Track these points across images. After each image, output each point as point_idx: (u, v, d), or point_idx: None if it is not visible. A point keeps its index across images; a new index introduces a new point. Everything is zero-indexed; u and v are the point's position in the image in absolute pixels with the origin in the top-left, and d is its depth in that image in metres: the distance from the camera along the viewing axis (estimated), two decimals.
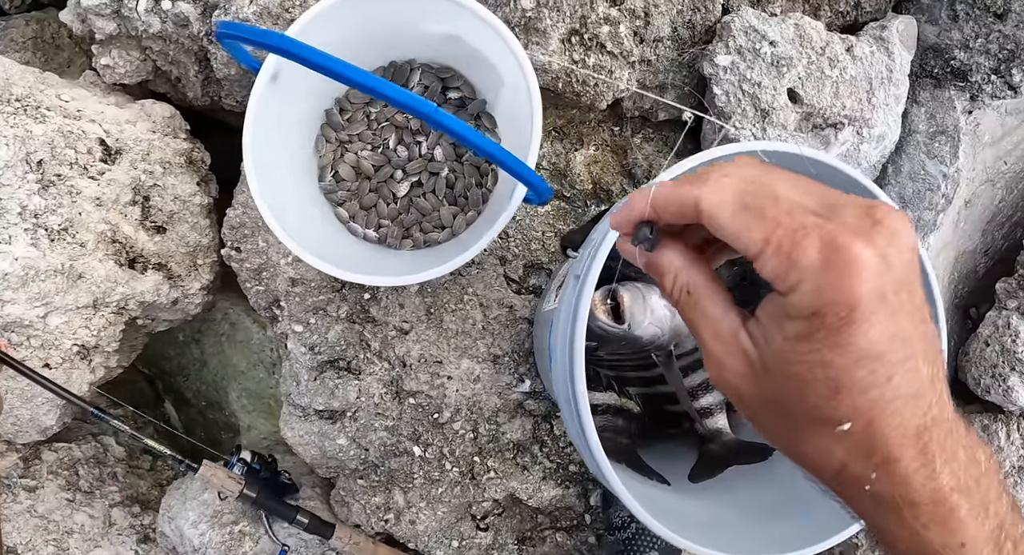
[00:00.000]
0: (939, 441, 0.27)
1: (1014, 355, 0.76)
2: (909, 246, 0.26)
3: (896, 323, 0.25)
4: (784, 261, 0.25)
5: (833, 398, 0.26)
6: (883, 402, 0.26)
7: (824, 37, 0.71)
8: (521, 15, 0.67)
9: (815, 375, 0.26)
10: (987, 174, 0.81)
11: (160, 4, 0.77)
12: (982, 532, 0.28)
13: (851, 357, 0.25)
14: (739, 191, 0.27)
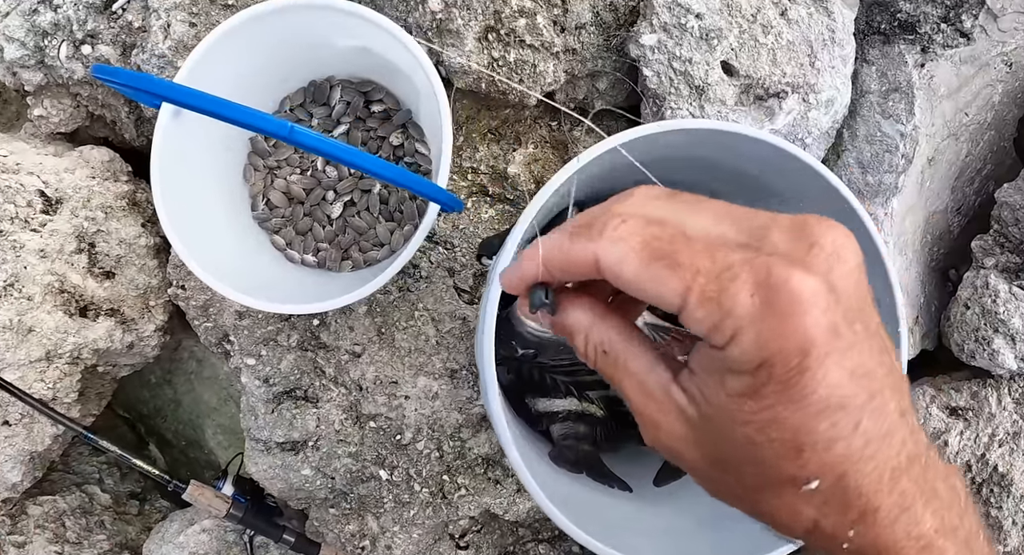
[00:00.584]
0: (917, 480, 0.24)
1: (996, 316, 0.74)
2: (855, 264, 0.23)
3: (855, 360, 0.22)
4: (714, 311, 0.22)
5: (796, 458, 0.23)
6: (853, 452, 0.23)
7: (754, 2, 0.70)
8: (431, 18, 0.67)
9: (770, 435, 0.23)
10: (948, 128, 0.78)
11: (80, 49, 0.78)
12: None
13: (810, 410, 0.22)
14: (642, 239, 0.24)
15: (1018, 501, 0.75)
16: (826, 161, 0.80)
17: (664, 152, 0.54)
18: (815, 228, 0.23)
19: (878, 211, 0.75)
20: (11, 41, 0.80)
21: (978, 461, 0.76)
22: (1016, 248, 0.77)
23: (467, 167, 0.81)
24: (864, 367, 0.23)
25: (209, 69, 0.61)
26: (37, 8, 0.79)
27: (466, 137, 0.81)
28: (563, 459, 0.64)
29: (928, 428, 0.78)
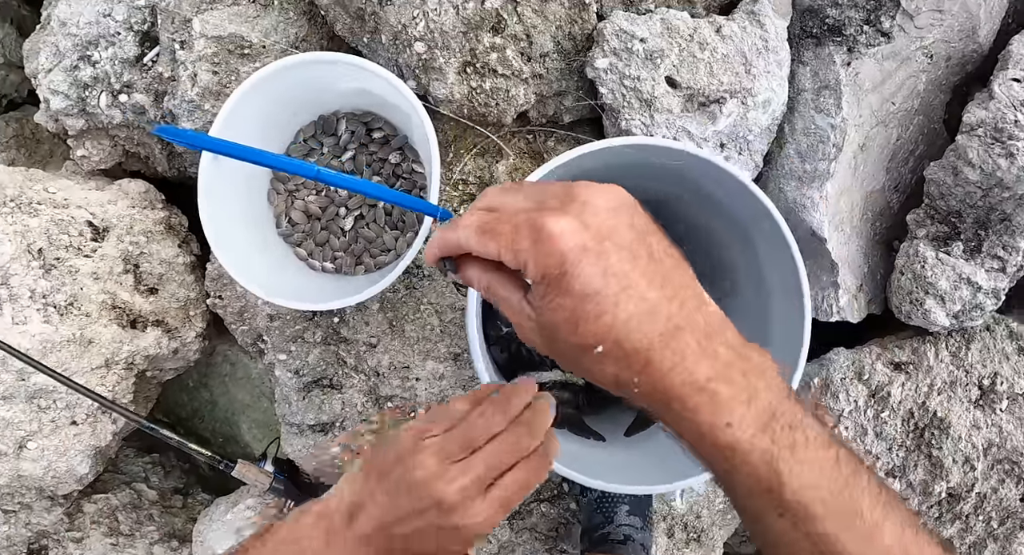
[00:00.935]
0: (690, 343, 0.34)
1: (925, 280, 0.88)
2: (604, 207, 0.35)
3: (605, 264, 0.33)
4: (514, 254, 0.35)
5: (576, 331, 0.34)
6: (618, 323, 0.33)
7: (691, 24, 0.85)
8: (418, 58, 0.82)
9: (560, 317, 0.34)
10: (877, 117, 0.92)
11: (118, 98, 0.94)
12: (750, 413, 0.34)
13: (576, 297, 0.33)
14: (477, 221, 0.37)
15: (956, 442, 0.89)
16: (770, 154, 0.94)
17: (628, 159, 0.69)
18: (576, 188, 0.35)
19: (814, 194, 0.89)
20: (56, 93, 0.96)
21: (919, 408, 0.90)
22: (944, 219, 0.91)
23: (457, 179, 0.96)
24: (616, 268, 0.33)
25: (239, 115, 0.76)
26: (77, 65, 0.95)
27: (455, 153, 0.96)
28: (575, 426, 0.79)
29: (873, 382, 0.92)
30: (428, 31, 0.80)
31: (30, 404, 0.91)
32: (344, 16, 0.85)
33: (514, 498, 0.44)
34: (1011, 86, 0.84)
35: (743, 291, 0.79)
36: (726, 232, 0.77)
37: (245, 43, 0.89)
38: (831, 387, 0.92)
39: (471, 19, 0.80)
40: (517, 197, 0.37)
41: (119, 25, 0.92)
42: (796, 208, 0.91)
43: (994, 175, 0.83)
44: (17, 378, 0.89)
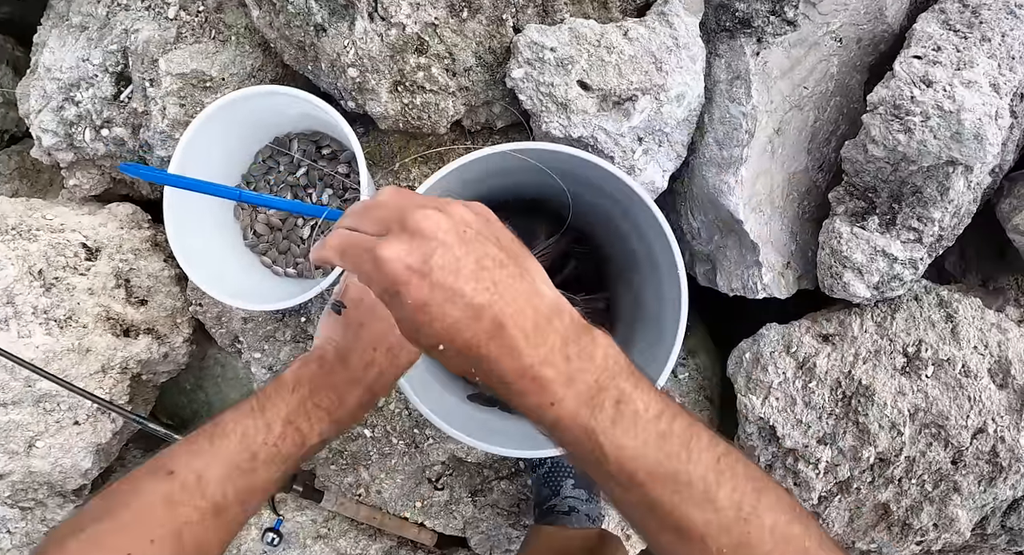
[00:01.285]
0: (516, 335, 0.38)
1: (842, 254, 0.96)
2: (432, 231, 0.39)
3: (430, 280, 0.37)
4: (363, 276, 0.40)
5: (419, 335, 0.39)
6: (447, 326, 0.38)
7: (598, 31, 0.95)
8: (352, 82, 0.94)
9: (405, 326, 0.39)
10: (789, 102, 1.01)
11: (100, 132, 1.09)
12: (571, 392, 0.38)
13: (410, 310, 0.38)
14: (337, 244, 0.42)
15: (882, 408, 0.96)
16: (694, 143, 1.03)
17: (521, 163, 0.80)
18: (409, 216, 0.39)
19: (730, 179, 0.98)
20: (46, 131, 1.12)
21: (845, 377, 0.98)
22: (862, 195, 0.98)
23: (404, 186, 1.08)
24: (440, 282, 0.38)
25: (198, 144, 0.89)
26: (63, 105, 1.10)
27: (401, 163, 1.08)
28: (480, 398, 0.90)
29: (800, 354, 1.00)
30: (358, 58, 0.92)
31: (37, 407, 1.06)
32: (289, 47, 0.98)
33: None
34: (911, 63, 0.91)
35: (647, 274, 0.88)
36: (622, 220, 0.87)
37: (206, 77, 1.02)
38: (761, 361, 1.01)
39: (395, 44, 0.92)
40: (368, 221, 0.42)
41: (96, 68, 1.07)
42: (715, 193, 1.00)
43: (896, 150, 0.90)
44: (24, 385, 1.04)
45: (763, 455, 1.01)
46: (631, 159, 0.96)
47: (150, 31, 1.03)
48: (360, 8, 0.91)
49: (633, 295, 0.94)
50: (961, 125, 0.85)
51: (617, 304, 0.99)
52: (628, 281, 0.96)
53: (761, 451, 1.01)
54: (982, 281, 1.18)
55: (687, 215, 1.07)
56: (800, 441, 0.97)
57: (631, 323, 0.94)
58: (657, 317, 0.84)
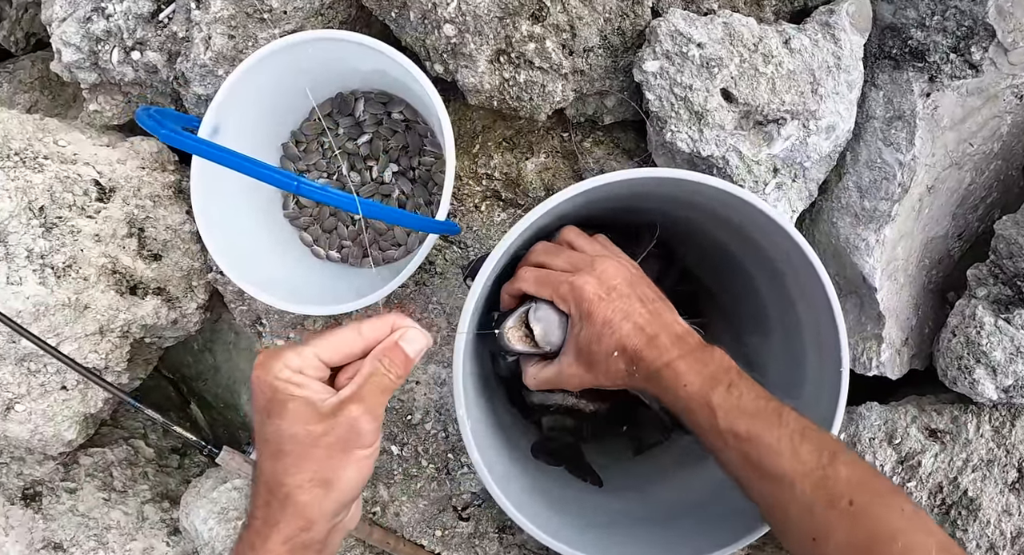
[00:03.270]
0: (664, 343, 0.53)
1: (979, 347, 0.76)
2: (611, 272, 0.56)
3: (612, 305, 0.54)
4: (561, 299, 0.56)
5: (601, 343, 0.54)
6: (622, 336, 0.53)
7: (756, 33, 0.72)
8: (446, 42, 0.71)
9: (591, 336, 0.54)
10: (951, 158, 0.79)
11: (131, 54, 0.85)
12: (697, 378, 0.51)
13: (598, 324, 0.54)
14: (534, 277, 0.59)
15: (984, 526, 0.78)
16: (827, 182, 0.82)
17: (642, 189, 0.59)
18: (596, 261, 0.57)
19: (871, 237, 0.77)
20: (68, 45, 0.88)
21: (950, 483, 0.80)
22: (1009, 281, 0.78)
23: (482, 173, 0.85)
24: (617, 306, 0.54)
25: (247, 90, 0.67)
26: (91, 16, 0.86)
27: (481, 145, 0.85)
28: (543, 451, 0.70)
29: (904, 448, 0.81)
30: (460, 13, 0.69)
31: (20, 366, 0.86)
32: None
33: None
34: None
35: (776, 348, 0.68)
36: (765, 280, 0.66)
37: (264, 7, 0.78)
38: (858, 447, 0.82)
39: (509, 4, 0.69)
40: (558, 260, 0.59)
41: None
42: (848, 248, 0.79)
43: None
44: (7, 340, 0.84)
45: None
46: (762, 192, 0.75)
47: None
48: None
49: (745, 360, 0.73)
50: None
51: None
52: (742, 341, 0.75)
53: None
54: None
55: None
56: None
57: None
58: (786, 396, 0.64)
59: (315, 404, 0.42)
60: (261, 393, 0.43)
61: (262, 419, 0.43)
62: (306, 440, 0.41)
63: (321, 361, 0.43)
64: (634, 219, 0.72)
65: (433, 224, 0.52)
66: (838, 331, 0.57)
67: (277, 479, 0.41)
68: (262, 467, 0.43)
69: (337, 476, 0.41)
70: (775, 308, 0.68)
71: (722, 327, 0.79)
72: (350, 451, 0.42)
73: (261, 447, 0.44)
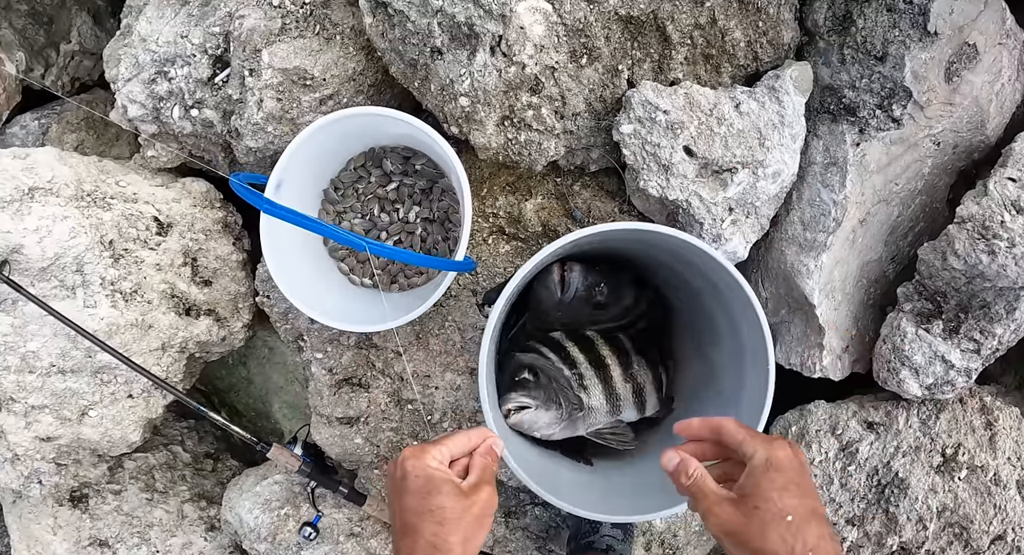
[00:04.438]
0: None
1: (903, 352, 0.98)
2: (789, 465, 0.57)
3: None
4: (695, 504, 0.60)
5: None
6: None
7: (712, 100, 0.94)
8: (461, 110, 0.93)
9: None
10: (879, 196, 1.01)
11: (190, 112, 1.07)
12: None
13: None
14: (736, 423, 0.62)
15: (913, 502, 0.99)
16: (778, 217, 1.04)
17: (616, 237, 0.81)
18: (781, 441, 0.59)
19: (810, 263, 0.99)
20: (133, 102, 1.09)
21: (884, 467, 1.01)
22: (931, 297, 1.00)
23: (489, 212, 1.07)
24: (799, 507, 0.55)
25: (303, 153, 0.88)
26: (155, 79, 1.07)
27: (488, 189, 1.07)
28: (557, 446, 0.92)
29: (845, 438, 1.02)
30: (472, 88, 0.91)
31: (94, 378, 1.06)
32: (399, 62, 0.96)
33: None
34: (1005, 185, 0.92)
35: (727, 355, 0.90)
36: (711, 299, 0.88)
37: (307, 75, 1.00)
38: (806, 437, 1.03)
39: (512, 81, 0.91)
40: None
41: (195, 47, 1.04)
42: (792, 272, 1.01)
43: (976, 268, 0.91)
44: (85, 355, 1.04)
45: None
46: (719, 227, 0.96)
47: (255, 19, 1.00)
48: (484, 41, 0.89)
49: (708, 367, 0.95)
50: None
51: (686, 372, 1.01)
52: (702, 352, 0.97)
53: None
54: (1019, 383, 1.21)
55: (757, 283, 1.08)
56: (831, 518, 1.00)
57: (701, 396, 0.96)
58: (734, 396, 0.86)
59: (460, 486, 0.60)
60: (416, 477, 0.60)
61: (421, 497, 0.59)
62: (460, 511, 0.59)
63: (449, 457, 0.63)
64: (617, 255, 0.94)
65: (454, 264, 0.73)
66: (766, 345, 0.78)
67: (441, 538, 0.58)
68: (422, 529, 0.58)
69: (477, 534, 0.60)
70: (724, 324, 0.89)
71: (688, 341, 1.01)
72: (485, 518, 0.61)
73: (422, 516, 0.59)
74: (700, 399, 0.96)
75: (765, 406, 0.78)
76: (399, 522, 0.61)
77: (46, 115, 1.39)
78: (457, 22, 0.89)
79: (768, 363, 0.77)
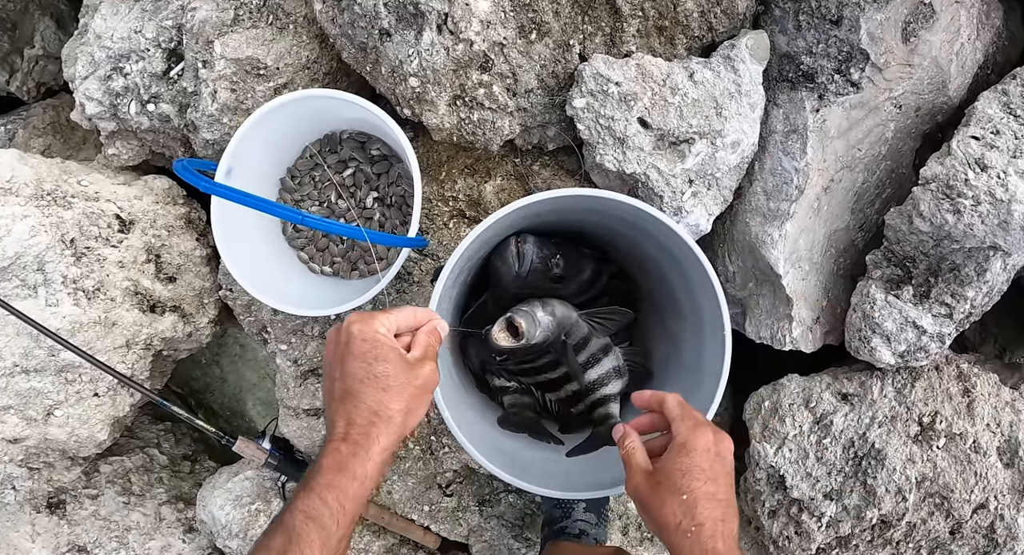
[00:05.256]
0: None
1: (873, 320, 0.98)
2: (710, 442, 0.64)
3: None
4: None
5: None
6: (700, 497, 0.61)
7: (665, 70, 0.94)
8: (412, 91, 0.94)
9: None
10: (842, 162, 1.01)
11: (146, 107, 1.08)
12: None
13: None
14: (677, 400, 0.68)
15: (891, 473, 0.99)
16: (741, 188, 1.04)
17: (565, 205, 0.81)
18: (697, 441, 0.65)
19: (774, 232, 0.99)
20: (90, 100, 1.11)
21: (859, 438, 1.01)
22: (900, 263, 1.00)
23: (448, 196, 1.08)
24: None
25: (253, 138, 0.90)
26: (111, 75, 1.09)
27: (447, 172, 1.08)
28: (508, 423, 0.92)
29: (819, 410, 1.02)
30: (421, 68, 0.92)
31: (58, 377, 1.07)
32: (349, 46, 0.97)
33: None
34: (968, 143, 0.92)
35: (688, 323, 0.90)
36: (670, 269, 0.88)
37: (260, 65, 1.01)
38: (779, 412, 1.03)
39: (460, 59, 0.92)
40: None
41: (148, 42, 1.05)
42: (757, 243, 1.01)
43: (942, 228, 0.91)
44: (48, 354, 1.05)
45: (768, 502, 1.04)
46: (679, 200, 0.97)
47: (207, 11, 1.02)
48: (430, 20, 0.90)
49: (671, 340, 0.96)
50: (1011, 215, 0.86)
51: (652, 345, 1.01)
52: (666, 325, 0.97)
53: (767, 498, 1.04)
54: (999, 351, 1.21)
55: (724, 258, 1.08)
56: (807, 493, 1.00)
57: (667, 366, 0.96)
58: (695, 366, 0.86)
59: (405, 357, 0.61)
60: (363, 341, 0.59)
61: (366, 362, 0.58)
62: (403, 380, 0.59)
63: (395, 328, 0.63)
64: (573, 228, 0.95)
65: (404, 240, 0.73)
66: (721, 311, 0.78)
67: (384, 405, 0.58)
68: (364, 394, 0.58)
69: (418, 408, 0.60)
70: (684, 295, 0.90)
71: (652, 314, 1.01)
72: (426, 392, 0.62)
73: (365, 381, 0.58)
74: (666, 370, 0.96)
75: (722, 377, 0.78)
76: (340, 387, 0.60)
77: (12, 121, 1.41)
78: (402, 1, 0.90)
79: (724, 330, 0.77)
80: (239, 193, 0.64)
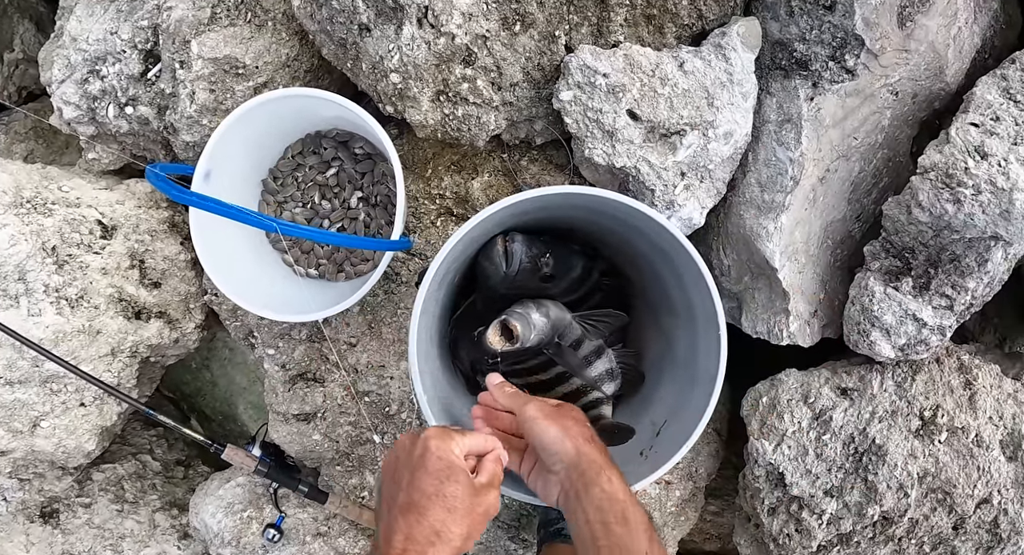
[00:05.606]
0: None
1: (872, 313, 0.96)
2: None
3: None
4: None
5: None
6: (565, 454, 0.68)
7: (653, 60, 0.92)
8: (394, 88, 0.92)
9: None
10: (837, 151, 0.99)
11: (125, 110, 1.06)
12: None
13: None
14: (538, 406, 0.73)
15: (892, 469, 0.97)
16: (735, 180, 1.02)
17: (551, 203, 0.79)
18: (563, 407, 0.74)
19: (769, 225, 0.97)
20: (68, 104, 1.09)
21: (860, 434, 0.99)
22: (899, 254, 0.98)
23: (435, 193, 1.06)
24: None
25: (232, 138, 0.88)
26: (87, 78, 1.07)
27: (433, 169, 1.06)
28: None
29: (817, 406, 1.00)
30: (402, 63, 0.90)
31: (43, 387, 1.06)
32: (329, 43, 0.95)
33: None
34: (968, 131, 0.90)
35: (682, 320, 0.88)
36: (662, 266, 0.86)
37: (239, 64, 0.99)
38: (777, 408, 1.01)
39: (442, 53, 0.89)
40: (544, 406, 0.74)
41: (124, 43, 1.03)
42: (752, 236, 0.99)
43: (942, 218, 0.89)
44: (32, 364, 1.04)
45: (768, 499, 1.02)
46: (671, 194, 0.95)
47: (184, 10, 1.00)
48: (409, 13, 0.88)
49: (665, 338, 0.94)
50: (1012, 204, 0.84)
51: (646, 344, 0.99)
52: (659, 323, 0.95)
53: (766, 495, 1.02)
54: (999, 340, 1.19)
55: (718, 251, 1.06)
56: (807, 490, 0.99)
57: (660, 366, 0.94)
58: (689, 364, 0.84)
59: (472, 483, 0.62)
60: (439, 458, 0.61)
61: (438, 480, 0.60)
62: (469, 504, 0.60)
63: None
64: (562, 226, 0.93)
65: (386, 243, 0.71)
66: (716, 311, 0.76)
67: (447, 526, 0.58)
68: (429, 512, 0.59)
69: (476, 534, 0.61)
70: (677, 292, 0.88)
71: (645, 312, 0.99)
72: (487, 519, 0.63)
73: (433, 498, 0.60)
74: (660, 370, 0.94)
75: (718, 378, 0.76)
76: (404, 498, 0.60)
77: None
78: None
79: (720, 329, 0.76)
80: (211, 201, 0.63)
